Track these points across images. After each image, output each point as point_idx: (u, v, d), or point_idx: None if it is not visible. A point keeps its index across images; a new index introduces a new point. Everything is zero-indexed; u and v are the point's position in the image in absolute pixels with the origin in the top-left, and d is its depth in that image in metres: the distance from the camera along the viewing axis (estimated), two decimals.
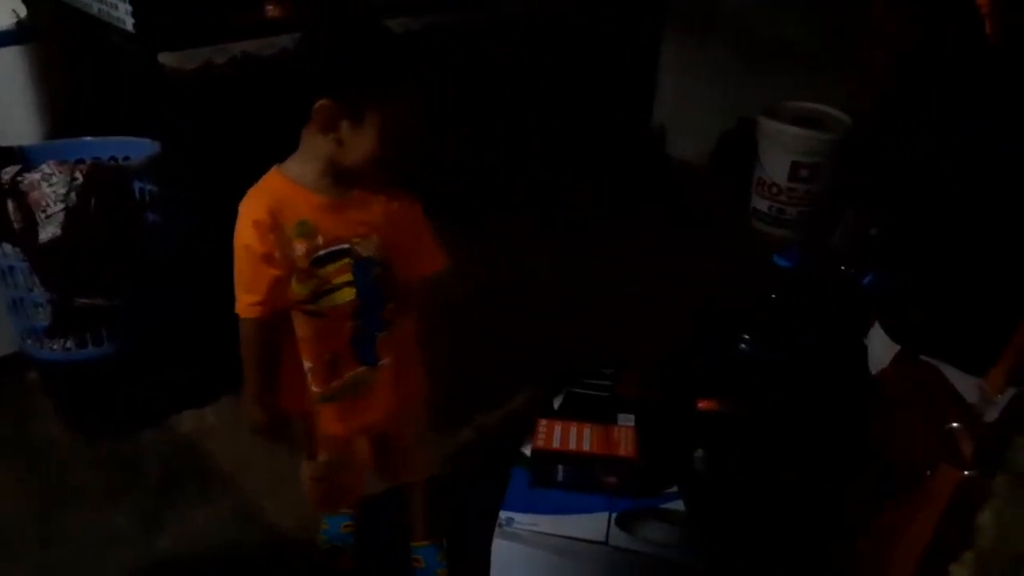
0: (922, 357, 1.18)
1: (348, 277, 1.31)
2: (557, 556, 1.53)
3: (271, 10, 2.41)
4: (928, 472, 1.06)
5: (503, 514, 1.58)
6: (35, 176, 1.70)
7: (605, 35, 3.28)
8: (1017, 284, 1.05)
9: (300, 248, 1.27)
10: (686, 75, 3.49)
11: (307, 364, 1.37)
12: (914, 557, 1.04)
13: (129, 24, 2.14)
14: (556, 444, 1.67)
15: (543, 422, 1.73)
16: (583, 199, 3.13)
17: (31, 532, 1.78)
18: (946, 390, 1.11)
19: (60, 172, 1.70)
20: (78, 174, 1.72)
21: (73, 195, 1.69)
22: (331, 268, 1.30)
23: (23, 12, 1.98)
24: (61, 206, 1.71)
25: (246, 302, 1.29)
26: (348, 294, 1.32)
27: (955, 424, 1.07)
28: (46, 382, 2.07)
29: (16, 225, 1.70)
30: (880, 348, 1.30)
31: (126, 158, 1.96)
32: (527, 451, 1.69)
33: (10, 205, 1.70)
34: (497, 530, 1.56)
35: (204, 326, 2.13)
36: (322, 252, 1.28)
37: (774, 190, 2.98)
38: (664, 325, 2.28)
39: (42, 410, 2.08)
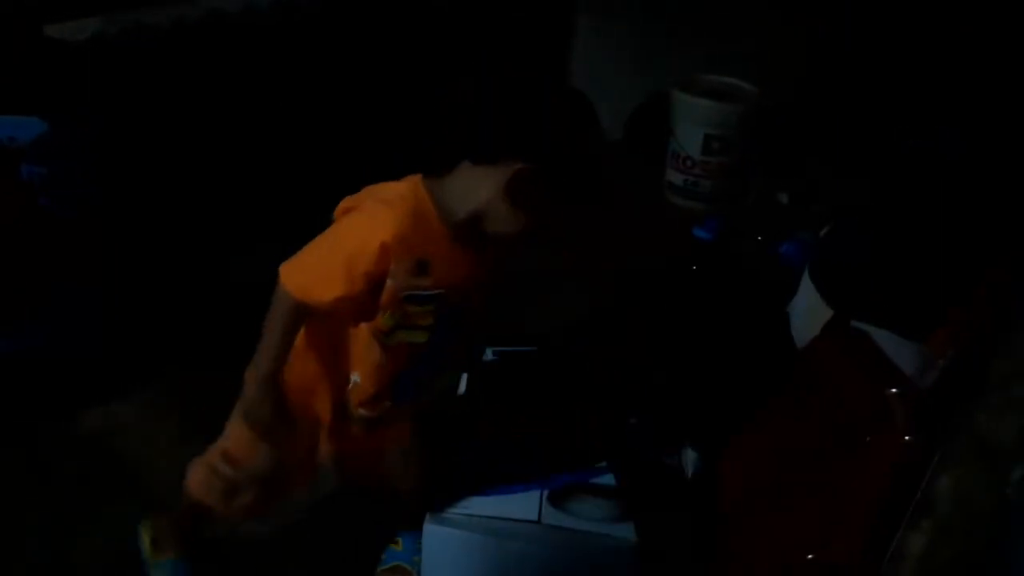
0: (853, 325, 1.20)
1: (429, 320, 1.24)
2: (490, 537, 1.51)
3: None
4: (868, 439, 1.08)
5: None
6: None
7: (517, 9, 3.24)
8: (960, 250, 1.08)
9: (405, 282, 1.18)
10: (599, 48, 3.48)
11: (354, 378, 1.32)
12: (859, 523, 1.07)
13: None
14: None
15: None
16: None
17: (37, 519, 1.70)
18: (880, 357, 1.14)
19: None
20: None
21: None
22: (418, 309, 1.22)
23: None
24: None
25: (319, 289, 1.17)
26: (421, 336, 1.26)
27: (893, 390, 1.10)
28: None
29: None
30: (806, 317, 1.33)
31: (11, 139, 1.82)
32: None
33: None
34: (428, 516, 1.54)
35: (111, 317, 2.03)
36: (418, 293, 1.20)
37: (688, 163, 3.02)
38: (583, 299, 2.27)
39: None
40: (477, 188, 1.15)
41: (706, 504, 1.49)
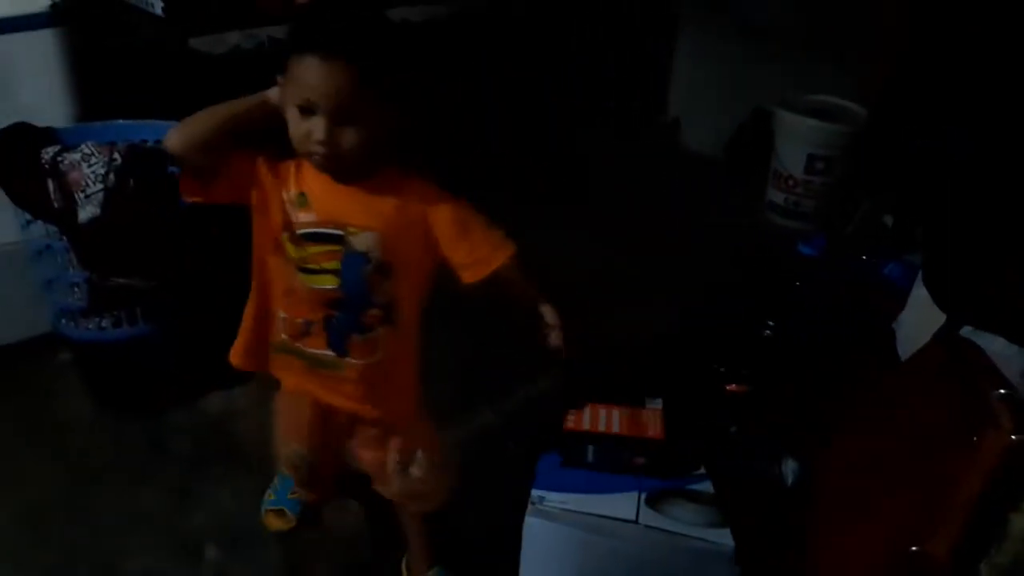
0: (962, 334, 1.21)
1: (335, 266, 1.25)
2: (588, 533, 1.55)
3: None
4: (973, 438, 1.10)
5: (535, 492, 1.61)
6: (75, 156, 1.72)
7: (620, 26, 3.31)
8: None
9: (296, 216, 1.24)
10: (700, 67, 3.51)
11: (281, 314, 1.32)
12: (962, 516, 1.08)
13: (159, 8, 2.17)
14: (586, 426, 1.71)
15: None
16: (599, 187, 3.16)
17: (60, 511, 1.80)
18: (987, 363, 1.15)
19: (99, 153, 1.72)
20: (117, 155, 1.74)
21: (112, 176, 1.71)
22: (320, 249, 1.24)
23: None
24: (100, 186, 1.73)
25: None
26: (330, 281, 1.26)
27: (1000, 391, 1.11)
28: (78, 362, 2.09)
29: (56, 204, 1.73)
30: (913, 332, 1.33)
31: (157, 141, 1.98)
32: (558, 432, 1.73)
33: (50, 185, 1.72)
34: (529, 507, 1.59)
35: (236, 308, 2.17)
36: (311, 230, 1.24)
37: (790, 183, 3.00)
38: (685, 312, 2.30)
39: (73, 390, 2.10)
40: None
41: (804, 514, 1.50)
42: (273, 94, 1.24)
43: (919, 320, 1.30)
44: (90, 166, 1.73)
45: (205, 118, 1.22)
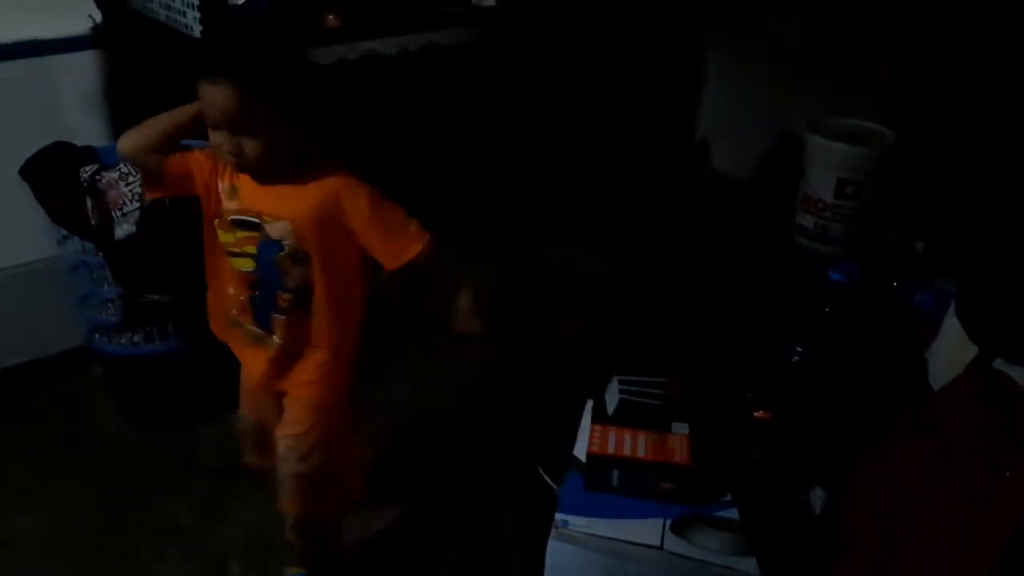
0: (994, 366, 1.19)
1: (252, 250, 1.37)
2: (612, 559, 1.54)
3: (331, 20, 2.49)
4: (1007, 473, 1.08)
5: (558, 516, 1.60)
6: (113, 175, 1.76)
7: (648, 48, 3.33)
8: None
9: (227, 205, 1.37)
10: (729, 89, 3.51)
11: (229, 290, 1.45)
12: (995, 551, 1.06)
13: (196, 31, 2.21)
14: (611, 449, 1.70)
15: (597, 427, 1.76)
16: (624, 208, 3.17)
17: (90, 522, 1.84)
18: (1022, 396, 1.13)
19: (136, 172, 1.75)
20: None
21: None
22: (243, 235, 1.37)
23: (98, 18, 2.05)
24: (137, 205, 1.77)
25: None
26: (247, 264, 1.39)
27: None
28: (110, 376, 2.12)
29: (93, 222, 1.76)
30: (945, 362, 1.32)
31: None
32: (581, 455, 1.72)
33: (88, 202, 1.76)
34: (553, 531, 1.59)
35: None
36: (237, 216, 1.36)
37: (820, 206, 2.98)
38: (711, 336, 2.29)
39: (104, 403, 2.13)
40: None
41: (831, 543, 1.48)
42: None
43: (952, 350, 1.29)
44: (127, 184, 1.77)
45: (149, 125, 1.34)
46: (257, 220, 1.35)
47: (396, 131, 2.68)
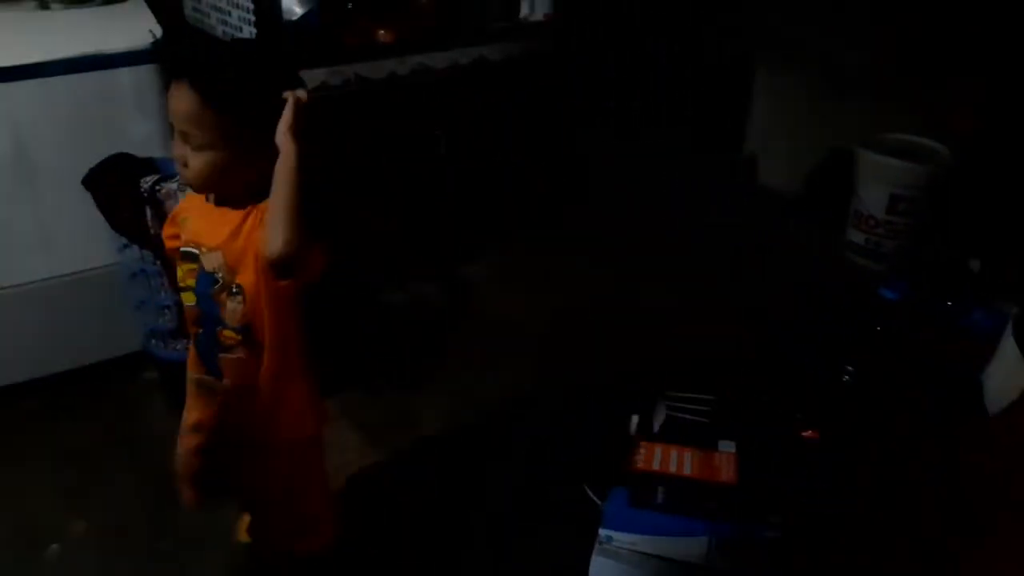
0: None
1: (191, 282, 1.32)
2: None
3: (383, 35, 2.53)
4: None
5: (602, 532, 1.60)
6: (172, 186, 1.81)
7: (698, 61, 3.31)
8: None
9: (181, 237, 1.35)
10: (778, 104, 3.48)
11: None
12: None
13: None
14: (657, 466, 1.69)
15: (643, 444, 1.75)
16: (670, 224, 3.15)
17: (142, 523, 1.88)
18: None
19: None
20: None
21: None
22: (186, 267, 1.33)
23: (159, 33, 2.12)
24: None
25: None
26: (190, 299, 1.34)
27: None
28: (164, 380, 2.18)
29: (152, 231, 1.81)
30: (1002, 384, 1.28)
31: None
32: (626, 471, 1.71)
33: (148, 212, 1.81)
34: (596, 547, 1.59)
35: (317, 330, 2.24)
36: (184, 248, 1.33)
37: (871, 223, 2.94)
38: (759, 354, 2.27)
39: (158, 407, 2.19)
40: None
41: (879, 564, 1.45)
42: None
43: (1009, 372, 1.25)
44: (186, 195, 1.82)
45: None
46: (196, 251, 1.30)
47: (444, 143, 2.71)
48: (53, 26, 2.12)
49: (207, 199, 1.31)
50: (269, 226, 1.16)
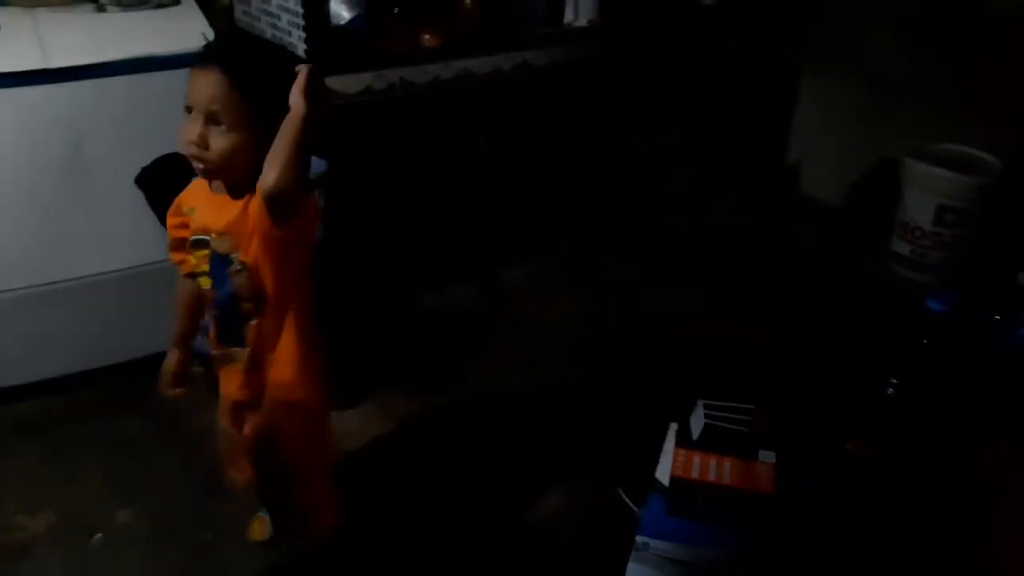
0: None
1: (205, 267, 1.41)
2: None
3: (428, 40, 2.56)
4: None
5: (639, 539, 1.60)
6: None
7: (744, 68, 3.29)
8: None
9: (190, 227, 1.42)
10: (824, 112, 3.44)
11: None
12: None
13: (301, 50, 2.31)
14: (695, 474, 1.68)
15: (681, 451, 1.75)
16: (711, 231, 3.13)
17: (187, 515, 1.92)
18: None
19: None
20: None
21: None
22: (198, 254, 1.42)
23: (211, 35, 2.16)
24: None
25: (172, 258, 1.50)
26: (205, 282, 1.43)
27: None
28: (208, 376, 2.22)
29: None
30: None
31: None
32: (664, 479, 1.71)
33: None
34: (633, 553, 1.58)
35: (356, 333, 2.27)
36: (194, 236, 1.41)
37: (917, 234, 2.89)
38: (800, 364, 2.25)
39: (203, 402, 2.22)
40: None
41: None
42: None
43: None
44: None
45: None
46: (206, 237, 1.39)
47: (485, 147, 2.73)
48: (109, 28, 2.18)
49: (211, 187, 1.39)
50: (266, 164, 1.23)
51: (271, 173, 1.21)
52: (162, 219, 1.94)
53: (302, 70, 1.24)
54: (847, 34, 3.23)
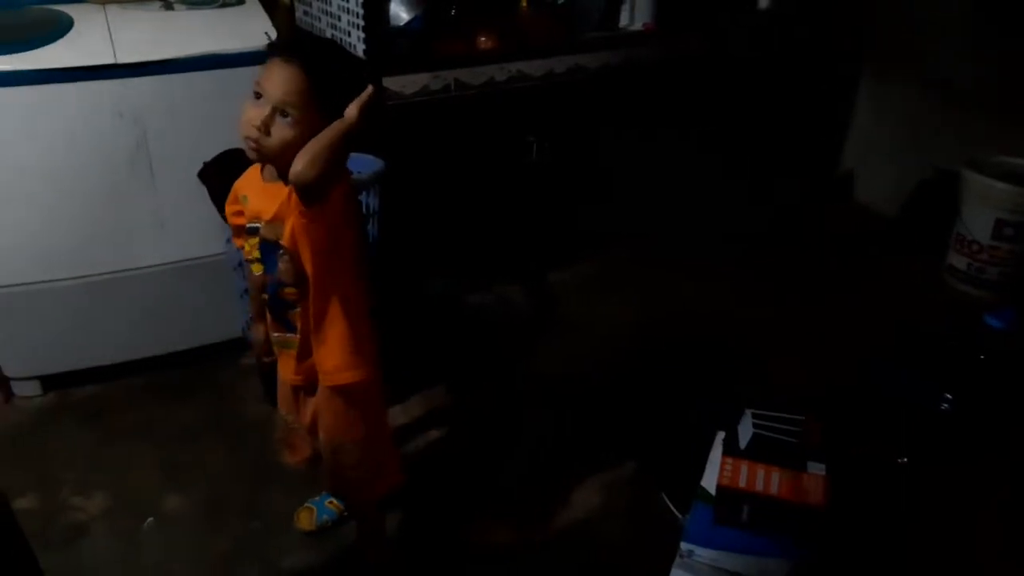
0: None
1: (257, 254, 1.47)
2: None
3: (484, 42, 2.58)
4: None
5: (684, 546, 1.60)
6: None
7: (800, 77, 3.25)
8: None
9: (244, 215, 1.47)
10: (880, 120, 3.39)
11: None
12: None
13: (360, 50, 2.35)
14: (743, 484, 1.66)
15: (728, 460, 1.73)
16: (761, 241, 3.10)
17: (235, 504, 1.95)
18: None
19: None
20: None
21: None
22: (251, 241, 1.47)
23: (274, 35, 2.21)
24: None
25: (234, 244, 1.56)
26: (257, 269, 1.49)
27: None
28: (260, 366, 2.26)
29: None
30: None
31: (357, 172, 2.13)
32: (710, 487, 1.70)
33: None
34: (677, 560, 1.58)
35: (404, 329, 2.30)
36: (248, 224, 1.46)
37: (974, 248, 2.83)
38: (854, 375, 2.21)
39: (253, 392, 2.28)
40: None
41: None
42: None
43: None
44: None
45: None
46: (257, 224, 1.44)
47: (536, 150, 2.74)
48: (176, 25, 2.23)
49: (262, 174, 1.44)
50: (300, 153, 1.26)
51: (300, 162, 1.24)
52: (223, 213, 2.00)
53: (369, 87, 1.30)
54: (908, 40, 3.17)
